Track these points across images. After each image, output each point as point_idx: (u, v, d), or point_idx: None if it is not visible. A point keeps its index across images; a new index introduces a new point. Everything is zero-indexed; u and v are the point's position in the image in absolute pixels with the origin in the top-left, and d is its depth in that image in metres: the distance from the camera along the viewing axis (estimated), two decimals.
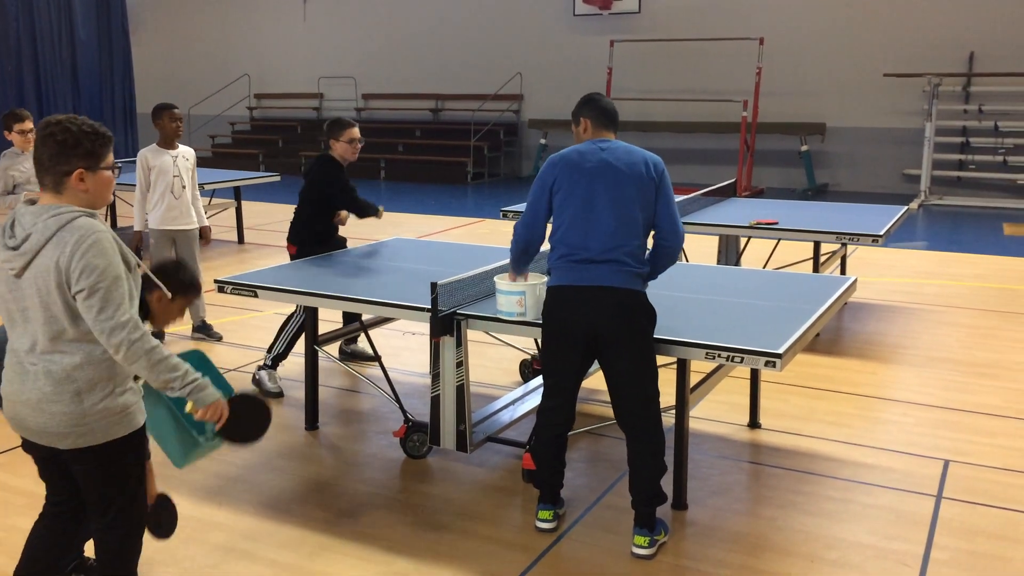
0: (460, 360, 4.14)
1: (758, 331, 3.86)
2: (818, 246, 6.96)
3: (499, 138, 18.02)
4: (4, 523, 3.96)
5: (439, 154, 17.95)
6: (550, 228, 3.81)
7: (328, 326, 5.52)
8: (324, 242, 5.75)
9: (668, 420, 4.21)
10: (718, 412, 5.22)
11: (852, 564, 3.64)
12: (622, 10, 16.69)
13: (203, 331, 6.75)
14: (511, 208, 7.60)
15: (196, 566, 3.62)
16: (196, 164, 6.74)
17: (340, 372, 5.97)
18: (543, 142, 17.44)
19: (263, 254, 9.96)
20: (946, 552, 3.73)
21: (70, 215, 2.65)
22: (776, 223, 6.80)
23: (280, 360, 5.63)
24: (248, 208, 11.51)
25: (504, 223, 10.90)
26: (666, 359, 3.77)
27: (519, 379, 5.82)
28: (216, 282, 4.90)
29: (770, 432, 4.97)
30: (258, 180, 11.15)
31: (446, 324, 4.07)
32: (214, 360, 3.53)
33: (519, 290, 3.95)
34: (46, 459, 2.88)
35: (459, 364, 4.14)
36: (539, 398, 3.94)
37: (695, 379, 4.18)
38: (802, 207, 7.90)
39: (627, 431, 3.72)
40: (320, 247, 5.67)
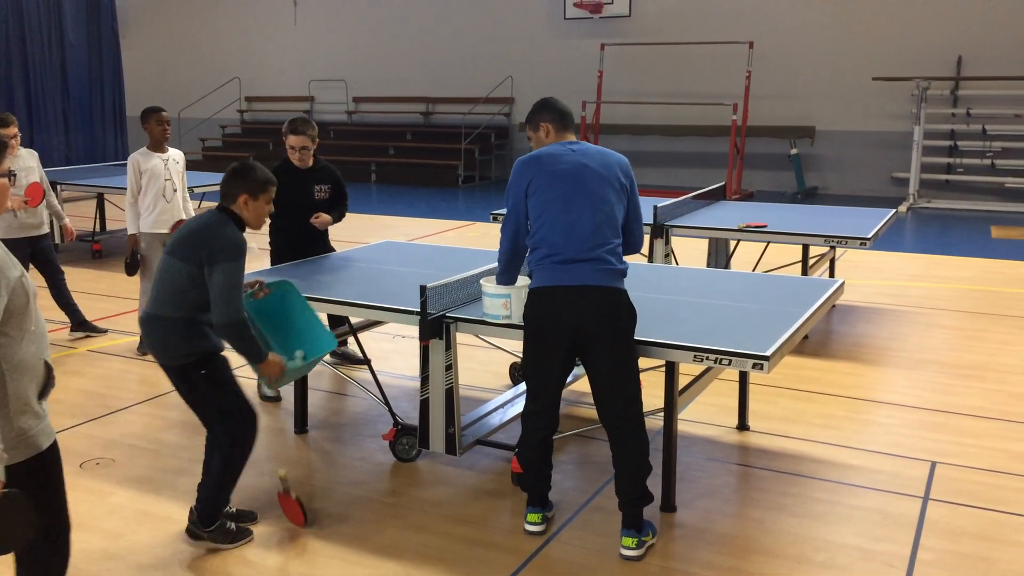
0: (449, 363, 4.15)
1: (746, 334, 3.88)
2: (807, 249, 7.01)
3: (490, 141, 18.04)
4: None
5: (430, 157, 17.96)
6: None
7: None
8: (300, 250, 5.58)
9: (657, 423, 4.23)
10: (707, 414, 5.23)
11: (839, 566, 3.66)
12: (612, 14, 16.73)
13: None
14: (501, 212, 7.60)
15: (183, 569, 3.63)
16: (186, 167, 6.74)
17: (329, 375, 5.97)
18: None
19: (252, 257, 9.90)
20: (932, 553, 3.75)
21: None
22: (765, 226, 6.84)
23: None
24: None
25: (494, 226, 10.91)
26: (655, 362, 3.78)
27: (508, 382, 5.83)
28: None
29: (758, 434, 4.99)
30: None
31: (435, 327, 4.08)
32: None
33: (504, 293, 3.96)
34: None
35: (448, 367, 4.15)
36: None
37: (684, 382, 4.19)
38: (791, 210, 7.93)
39: (610, 431, 3.73)
40: (295, 255, 5.55)
